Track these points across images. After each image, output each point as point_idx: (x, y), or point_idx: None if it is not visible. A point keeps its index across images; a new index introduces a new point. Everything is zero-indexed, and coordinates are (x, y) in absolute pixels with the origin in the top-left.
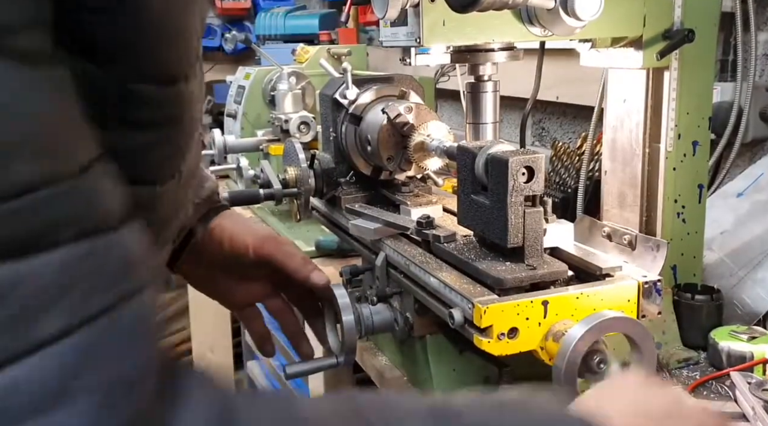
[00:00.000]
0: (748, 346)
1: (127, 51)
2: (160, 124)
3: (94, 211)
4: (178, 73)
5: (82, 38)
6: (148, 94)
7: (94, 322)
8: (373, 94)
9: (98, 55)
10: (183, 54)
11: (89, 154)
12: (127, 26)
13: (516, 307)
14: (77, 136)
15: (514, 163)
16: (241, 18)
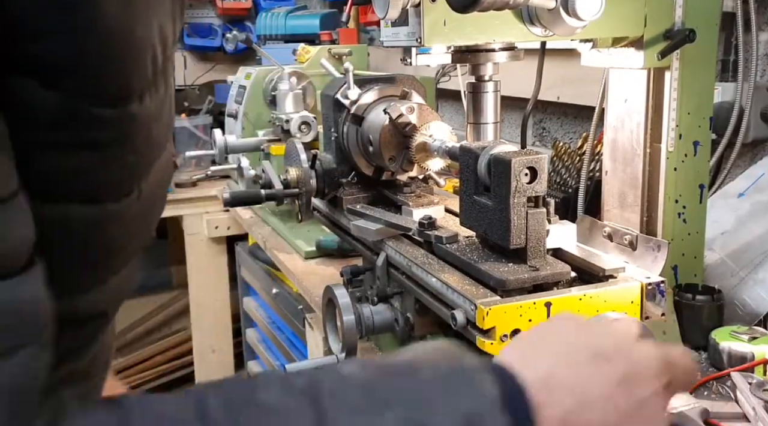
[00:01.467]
0: (749, 346)
1: (75, 73)
2: (110, 144)
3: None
4: (130, 93)
5: (26, 61)
6: (97, 114)
7: None
8: (374, 95)
9: (45, 77)
10: (137, 71)
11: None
12: (74, 50)
13: (519, 309)
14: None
15: (516, 164)
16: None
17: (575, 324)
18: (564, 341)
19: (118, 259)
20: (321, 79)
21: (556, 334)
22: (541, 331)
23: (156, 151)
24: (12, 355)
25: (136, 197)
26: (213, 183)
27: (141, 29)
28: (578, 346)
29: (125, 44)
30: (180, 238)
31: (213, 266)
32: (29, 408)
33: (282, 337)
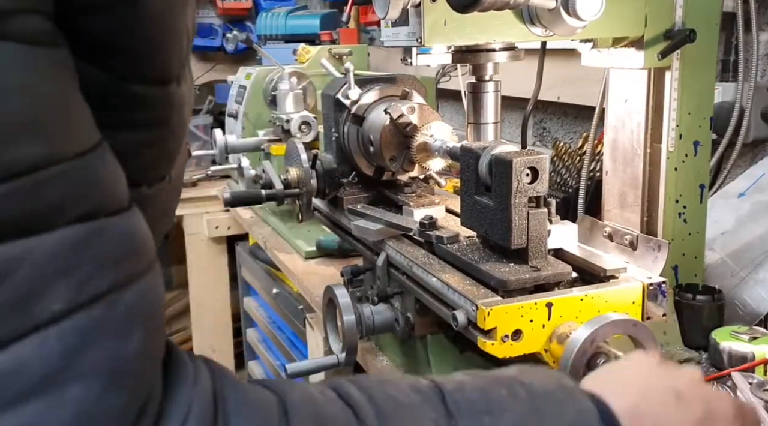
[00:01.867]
0: (750, 346)
1: (124, 51)
2: (151, 124)
3: (96, 194)
4: (170, 75)
5: (78, 37)
6: (142, 94)
7: (95, 303)
8: (375, 95)
9: (94, 54)
10: (176, 56)
11: (90, 139)
12: (124, 27)
13: (520, 309)
14: (78, 120)
15: (518, 164)
16: (242, 18)
17: (653, 362)
18: (645, 378)
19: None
20: (321, 79)
21: (635, 371)
22: (620, 366)
23: (184, 136)
24: (143, 277)
25: (167, 182)
26: (213, 183)
27: (180, 15)
28: (659, 384)
29: (168, 27)
30: (180, 237)
31: (213, 266)
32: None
33: (282, 337)
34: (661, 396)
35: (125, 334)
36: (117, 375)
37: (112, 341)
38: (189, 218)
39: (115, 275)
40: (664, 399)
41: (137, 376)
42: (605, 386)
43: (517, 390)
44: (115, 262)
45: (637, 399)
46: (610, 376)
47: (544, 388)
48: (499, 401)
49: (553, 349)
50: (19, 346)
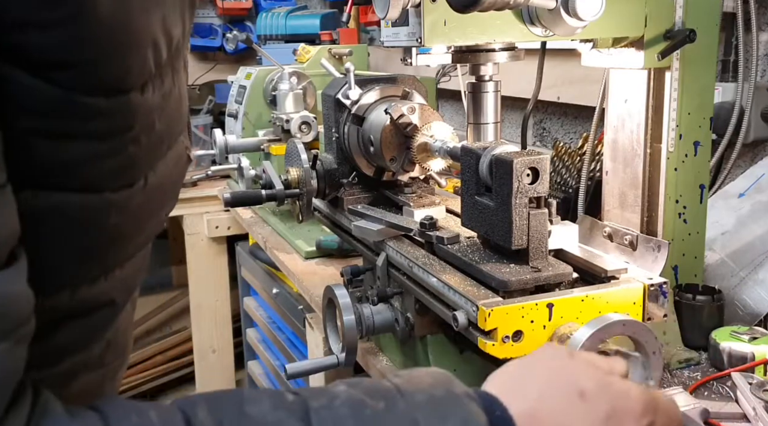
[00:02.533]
0: (749, 346)
1: (68, 66)
2: (109, 133)
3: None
4: (127, 84)
5: (17, 52)
6: (94, 104)
7: None
8: (375, 95)
9: (37, 69)
10: (136, 64)
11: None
12: (65, 43)
13: (521, 310)
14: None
15: (518, 165)
16: (242, 18)
17: (560, 358)
18: (549, 376)
19: (124, 250)
20: (321, 79)
21: (541, 367)
22: (525, 363)
23: (163, 143)
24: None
25: (141, 188)
26: (213, 183)
27: (138, 21)
28: (563, 383)
29: (120, 35)
30: (180, 237)
31: (213, 266)
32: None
33: (282, 337)
34: (563, 396)
35: None
36: None
37: None
38: (189, 218)
39: None
40: (566, 399)
41: None
42: (505, 387)
43: (395, 402)
44: None
45: (537, 401)
46: (511, 376)
47: (428, 396)
48: (372, 417)
49: None
50: None
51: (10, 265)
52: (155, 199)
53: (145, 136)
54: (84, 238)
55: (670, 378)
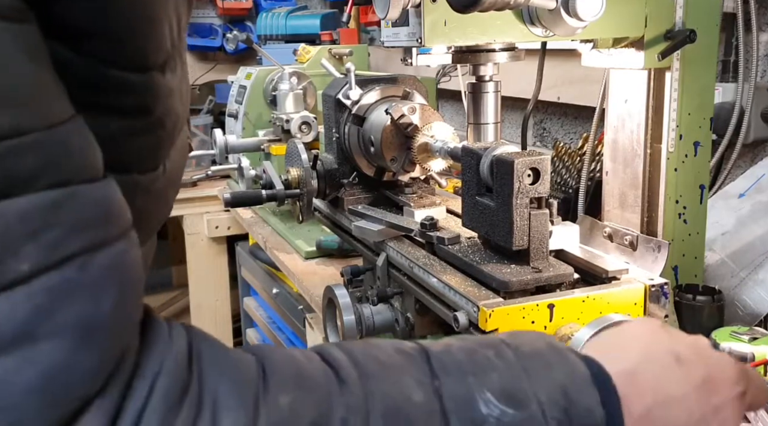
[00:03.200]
0: (750, 347)
1: (97, 35)
2: (135, 111)
3: (69, 164)
4: (149, 62)
5: (51, 20)
6: (121, 78)
7: (65, 264)
8: (376, 95)
9: (69, 38)
10: (154, 44)
11: (63, 112)
12: (96, 11)
13: (522, 311)
14: (49, 93)
15: (519, 165)
16: (242, 18)
17: (656, 327)
18: (646, 341)
19: (141, 234)
20: (321, 79)
21: (637, 334)
22: (623, 330)
23: (177, 128)
24: (116, 242)
25: (161, 173)
26: (213, 183)
27: (158, 3)
28: (660, 348)
29: (143, 14)
30: (180, 237)
31: (213, 266)
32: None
33: (282, 337)
34: (660, 359)
35: (98, 295)
36: (88, 335)
37: (83, 302)
38: (189, 218)
39: (87, 238)
40: (663, 362)
41: (110, 337)
42: (603, 349)
43: (504, 351)
44: (86, 226)
45: (635, 362)
46: (609, 340)
47: (533, 349)
48: (485, 362)
49: None
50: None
51: (108, 178)
52: (170, 185)
53: (168, 118)
54: None
55: None
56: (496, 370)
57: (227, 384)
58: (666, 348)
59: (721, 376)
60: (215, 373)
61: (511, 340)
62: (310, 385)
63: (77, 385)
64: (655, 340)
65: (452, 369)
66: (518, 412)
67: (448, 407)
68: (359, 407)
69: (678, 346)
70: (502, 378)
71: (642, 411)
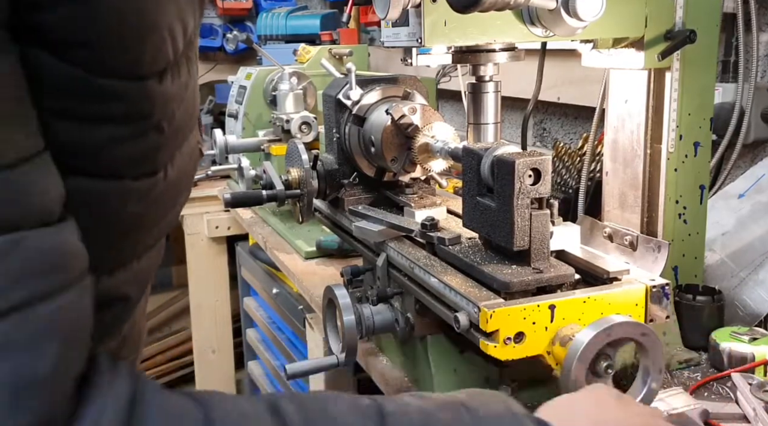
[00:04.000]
0: (750, 347)
1: (84, 45)
2: (129, 119)
3: (23, 207)
4: (145, 71)
5: (38, 32)
6: (113, 87)
7: (5, 317)
8: (377, 95)
9: (57, 48)
10: (151, 52)
11: (26, 147)
12: (79, 22)
13: (522, 311)
14: (14, 126)
15: (520, 165)
16: (242, 18)
17: (610, 398)
18: (598, 412)
19: (143, 241)
20: (321, 79)
21: (589, 403)
22: (575, 398)
23: (181, 134)
24: (63, 293)
25: (162, 178)
26: (213, 183)
27: (152, 8)
28: (611, 420)
29: (132, 20)
30: (180, 238)
31: (213, 266)
32: (83, 347)
33: (282, 337)
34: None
35: (36, 351)
36: (22, 393)
37: (20, 357)
38: (189, 218)
39: (30, 289)
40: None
41: (46, 395)
42: (558, 416)
43: (461, 415)
44: (33, 275)
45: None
46: (562, 407)
47: (491, 412)
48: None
49: (556, 351)
50: None
51: (65, 221)
52: (173, 191)
53: (166, 124)
54: (102, 225)
55: (670, 379)
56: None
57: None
58: (618, 420)
59: None
60: (157, 419)
61: (470, 403)
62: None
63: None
64: (609, 411)
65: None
66: None
67: None
68: None
69: (630, 420)
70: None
71: None
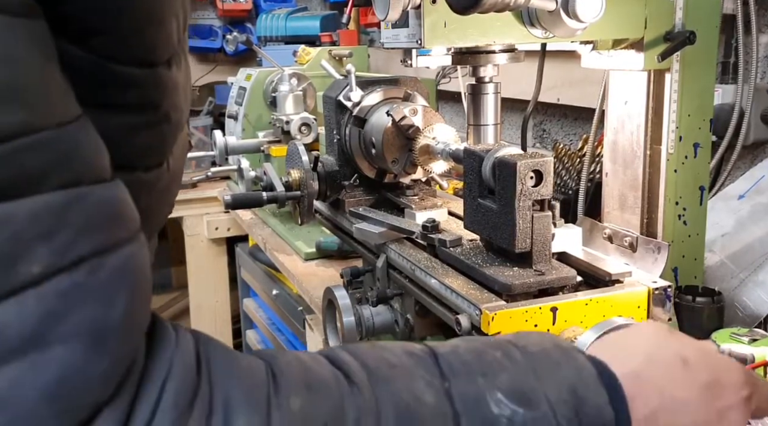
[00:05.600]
0: (749, 348)
1: (104, 31)
2: (142, 107)
3: (78, 164)
4: (157, 57)
5: (59, 17)
6: (128, 75)
7: (77, 267)
8: (377, 96)
9: (76, 35)
10: (162, 39)
11: (71, 111)
12: (102, 7)
13: (524, 314)
14: (58, 91)
15: (522, 167)
16: (242, 19)
17: (662, 330)
18: (652, 344)
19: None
20: (321, 80)
21: (643, 336)
22: (629, 333)
23: (180, 123)
24: (127, 245)
25: (166, 170)
26: (213, 184)
27: (165, 1)
28: (666, 351)
29: (151, 9)
30: (180, 239)
31: (213, 267)
32: (148, 300)
33: (282, 338)
34: (666, 362)
35: (109, 298)
36: (100, 340)
37: (95, 305)
38: (189, 219)
39: (98, 240)
40: (669, 365)
41: (121, 341)
42: (609, 351)
43: (512, 351)
44: (97, 228)
45: (641, 363)
46: (615, 343)
47: (540, 349)
48: (494, 362)
49: None
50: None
51: (117, 179)
52: (173, 182)
53: (174, 113)
54: None
55: None
56: (505, 371)
57: (238, 387)
58: (672, 351)
59: (727, 380)
60: (225, 377)
61: (517, 341)
62: (320, 388)
63: (90, 391)
64: (662, 343)
65: (461, 370)
66: (529, 412)
67: (458, 408)
68: (371, 409)
69: (684, 350)
70: (511, 378)
71: (647, 413)
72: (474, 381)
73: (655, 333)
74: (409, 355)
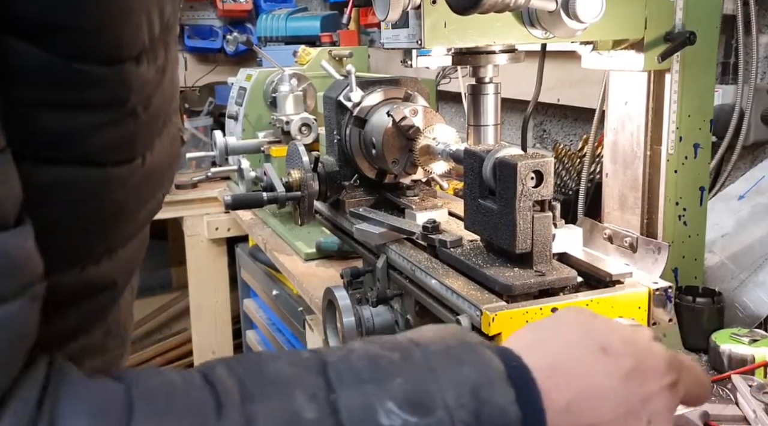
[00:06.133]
0: (750, 349)
1: (62, 30)
2: (107, 104)
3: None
4: (122, 54)
5: (14, 17)
6: (90, 73)
7: None
8: (377, 97)
9: (34, 34)
10: (129, 34)
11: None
12: (58, 6)
13: (525, 315)
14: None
15: (522, 168)
16: (242, 20)
17: (583, 317)
18: (572, 333)
19: (126, 228)
20: (321, 80)
21: (563, 325)
22: (548, 322)
23: (159, 120)
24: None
25: (139, 165)
26: (213, 184)
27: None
28: (586, 339)
29: (113, 5)
30: (180, 239)
31: (213, 268)
32: (15, 360)
33: (282, 338)
34: (585, 350)
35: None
36: None
37: None
38: (189, 220)
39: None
40: (588, 353)
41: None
42: (525, 341)
43: (411, 352)
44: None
45: (558, 353)
46: (531, 333)
47: (444, 347)
48: (389, 367)
49: None
50: None
51: (19, 226)
52: (153, 178)
53: (143, 110)
54: (86, 214)
55: None
56: (400, 375)
57: (85, 419)
58: (593, 339)
59: (650, 366)
60: (72, 409)
61: (420, 339)
62: (182, 413)
63: None
64: (582, 330)
65: (350, 379)
66: (423, 419)
67: (344, 422)
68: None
69: (606, 337)
70: (406, 383)
71: (564, 404)
72: (363, 391)
73: (576, 320)
74: (294, 365)
